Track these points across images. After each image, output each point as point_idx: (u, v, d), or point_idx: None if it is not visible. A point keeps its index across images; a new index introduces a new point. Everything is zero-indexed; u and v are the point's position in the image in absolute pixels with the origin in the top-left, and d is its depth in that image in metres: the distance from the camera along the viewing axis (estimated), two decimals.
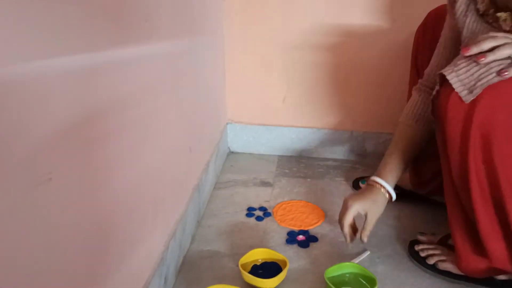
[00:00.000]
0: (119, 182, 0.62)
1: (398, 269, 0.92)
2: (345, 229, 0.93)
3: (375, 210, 0.92)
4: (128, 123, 0.64)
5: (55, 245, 0.46)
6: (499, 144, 0.68)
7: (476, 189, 0.73)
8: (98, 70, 0.54)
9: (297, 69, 1.42)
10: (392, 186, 0.92)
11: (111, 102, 0.58)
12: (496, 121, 0.67)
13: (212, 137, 1.33)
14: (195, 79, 1.07)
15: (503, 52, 0.65)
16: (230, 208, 1.18)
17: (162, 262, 0.79)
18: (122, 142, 0.62)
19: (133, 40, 0.65)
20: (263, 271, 0.90)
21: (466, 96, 0.68)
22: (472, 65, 0.68)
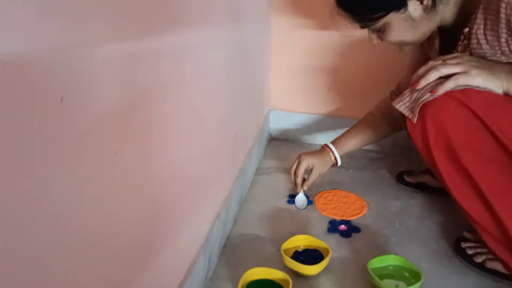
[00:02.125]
0: (173, 163, 0.63)
1: (443, 265, 0.90)
2: (298, 179, 1.13)
3: (320, 167, 1.13)
4: (182, 107, 0.66)
5: (118, 213, 0.48)
6: (460, 152, 0.76)
7: (463, 199, 0.81)
8: (155, 55, 0.55)
9: (345, 58, 1.39)
10: (339, 153, 1.14)
11: (167, 86, 0.59)
12: (447, 132, 0.76)
13: (255, 123, 1.33)
14: (244, 65, 1.07)
15: (432, 75, 0.77)
16: (271, 194, 1.18)
17: (207, 242, 0.81)
18: (176, 125, 0.63)
19: (190, 25, 0.66)
20: (304, 257, 0.90)
21: (412, 117, 0.79)
22: (413, 92, 0.80)
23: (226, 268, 0.89)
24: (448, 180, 0.79)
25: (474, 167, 0.76)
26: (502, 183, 0.75)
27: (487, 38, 0.73)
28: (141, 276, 0.56)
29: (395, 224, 1.05)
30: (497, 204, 0.76)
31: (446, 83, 0.75)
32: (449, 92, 0.75)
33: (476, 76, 0.74)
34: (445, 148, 0.77)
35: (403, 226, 1.04)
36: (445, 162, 0.78)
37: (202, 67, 0.74)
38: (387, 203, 1.15)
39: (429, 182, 1.17)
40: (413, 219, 1.07)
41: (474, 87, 0.74)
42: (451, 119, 0.75)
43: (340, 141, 1.16)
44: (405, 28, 0.82)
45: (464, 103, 0.73)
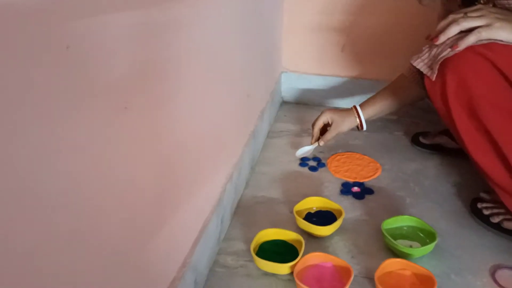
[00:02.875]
0: (182, 122, 0.62)
1: (459, 226, 0.89)
2: (315, 129, 1.09)
3: (339, 124, 1.07)
4: (195, 68, 0.64)
5: (133, 170, 0.48)
6: (481, 109, 0.73)
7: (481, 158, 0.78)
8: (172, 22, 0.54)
9: (361, 15, 1.33)
10: (365, 117, 1.06)
11: (179, 46, 0.58)
12: (469, 88, 0.73)
13: (267, 86, 1.31)
14: (256, 25, 1.04)
15: (452, 30, 0.73)
16: (283, 157, 1.17)
17: (219, 203, 0.81)
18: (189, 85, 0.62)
19: None
20: (317, 219, 0.90)
21: (431, 75, 0.76)
22: (432, 48, 0.77)
23: (239, 229, 0.89)
24: (467, 139, 0.76)
25: (495, 124, 0.72)
26: None
27: None
28: (157, 234, 0.56)
29: (410, 186, 1.03)
30: None
31: (467, 37, 0.70)
32: (471, 46, 0.71)
33: (500, 29, 0.69)
34: (465, 105, 0.74)
35: (418, 187, 1.02)
36: (465, 120, 0.75)
37: (215, 27, 0.72)
38: (402, 165, 1.12)
39: (446, 144, 1.15)
40: (428, 180, 1.05)
41: (498, 41, 0.70)
42: (473, 74, 0.71)
43: (368, 104, 1.07)
44: None
45: (487, 57, 0.70)
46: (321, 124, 1.09)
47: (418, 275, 0.73)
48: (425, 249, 0.78)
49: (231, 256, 0.81)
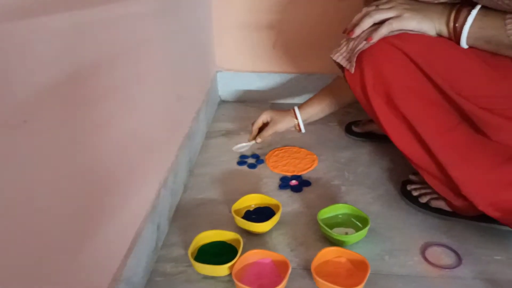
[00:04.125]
0: (107, 127, 0.60)
1: (391, 208, 0.93)
2: (254, 126, 1.11)
3: (277, 123, 1.08)
4: (116, 73, 0.62)
5: (54, 183, 0.45)
6: (398, 97, 0.76)
7: (402, 143, 0.81)
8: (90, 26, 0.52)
9: (288, 13, 1.35)
10: (303, 118, 1.08)
11: (99, 55, 0.55)
12: (385, 78, 0.75)
13: (201, 86, 1.29)
14: (181, 28, 1.02)
15: (366, 23, 0.75)
16: (222, 156, 1.16)
17: (154, 209, 0.79)
18: (105, 86, 0.59)
19: None
20: (256, 216, 0.90)
21: (350, 68, 0.78)
22: (349, 42, 0.79)
23: (178, 235, 0.87)
24: (387, 126, 0.80)
25: (411, 110, 0.76)
26: (439, 125, 0.76)
27: None
28: (83, 248, 0.53)
29: (344, 174, 1.06)
30: (434, 145, 0.77)
31: (380, 29, 0.73)
32: (385, 38, 0.73)
33: (409, 19, 0.73)
34: (383, 95, 0.77)
35: (353, 174, 1.06)
36: (384, 109, 0.78)
37: (136, 31, 0.71)
38: (337, 155, 1.16)
39: (376, 130, 1.19)
40: (362, 167, 1.09)
41: (408, 30, 0.73)
42: (388, 65, 0.74)
43: (307, 106, 1.08)
44: None
45: (399, 48, 0.73)
46: (260, 122, 1.11)
47: (353, 260, 0.75)
48: (359, 235, 0.80)
49: (170, 263, 0.79)
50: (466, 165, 0.76)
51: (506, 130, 0.73)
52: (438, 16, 0.73)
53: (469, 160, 0.76)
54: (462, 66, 0.72)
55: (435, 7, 0.73)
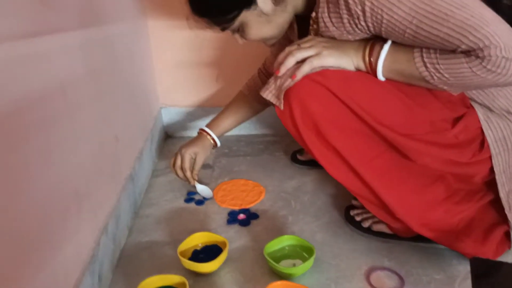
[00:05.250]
0: (36, 181, 0.57)
1: (336, 235, 0.94)
2: (188, 173, 1.11)
3: (203, 153, 1.13)
4: (41, 115, 0.60)
5: None
6: (325, 129, 0.79)
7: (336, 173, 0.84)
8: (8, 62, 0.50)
9: (227, 48, 1.38)
10: (217, 135, 1.15)
11: (23, 100, 0.54)
12: (311, 113, 0.78)
13: (144, 123, 1.28)
14: (113, 64, 1.01)
15: (289, 61, 0.79)
16: (169, 195, 1.15)
17: (93, 259, 0.75)
18: (37, 139, 0.57)
19: (42, 31, 0.60)
20: (204, 255, 0.88)
21: (279, 104, 0.80)
22: (276, 79, 0.81)
23: (122, 283, 0.84)
24: (320, 158, 0.82)
25: (338, 141, 0.79)
26: (365, 153, 0.80)
27: (332, 20, 0.76)
28: None
29: (291, 204, 1.07)
30: (364, 173, 0.80)
31: (302, 67, 0.77)
32: (308, 75, 0.77)
33: (328, 56, 0.77)
34: (312, 128, 0.79)
35: (299, 203, 1.07)
36: (315, 141, 0.81)
37: (61, 70, 0.68)
38: (283, 184, 1.17)
39: None
40: (307, 195, 1.11)
41: (329, 67, 0.77)
42: (313, 100, 0.77)
43: (216, 123, 1.17)
44: (261, 24, 0.83)
45: (321, 83, 0.76)
46: (189, 164, 1.12)
47: None
48: (305, 266, 0.81)
49: None
50: (395, 190, 0.80)
51: (427, 154, 0.78)
52: (354, 52, 0.77)
53: (398, 184, 0.80)
54: (380, 97, 0.77)
55: (351, 43, 0.78)
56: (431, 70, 0.69)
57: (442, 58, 0.67)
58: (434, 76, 0.70)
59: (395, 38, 0.71)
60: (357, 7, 0.69)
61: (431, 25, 0.65)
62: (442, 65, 0.68)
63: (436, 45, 0.67)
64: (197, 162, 1.12)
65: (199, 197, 1.13)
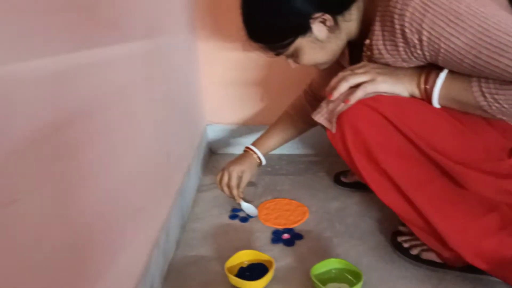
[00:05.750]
0: (93, 193, 0.60)
1: (382, 260, 0.93)
2: (234, 191, 1.13)
3: (249, 171, 1.15)
4: (100, 131, 0.63)
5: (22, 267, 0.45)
6: (377, 154, 0.79)
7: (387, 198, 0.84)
8: (67, 75, 0.52)
9: (273, 69, 1.41)
10: (263, 153, 1.17)
11: (80, 109, 0.56)
12: (364, 137, 0.79)
13: (192, 140, 1.32)
14: (168, 82, 1.06)
15: (342, 86, 0.80)
16: (214, 210, 1.17)
17: (146, 272, 0.78)
18: (94, 150, 0.60)
19: (102, 43, 0.64)
20: (250, 273, 0.90)
21: (331, 128, 0.82)
22: (328, 103, 0.83)
23: None
24: (371, 182, 0.82)
25: (391, 166, 0.79)
26: (418, 178, 0.79)
27: (387, 48, 0.77)
28: None
29: (335, 226, 1.07)
30: (416, 199, 0.80)
31: (356, 92, 0.78)
32: (361, 100, 0.78)
33: (382, 82, 0.78)
34: (364, 153, 0.80)
35: (343, 226, 1.07)
36: (366, 165, 0.81)
37: (119, 87, 0.72)
38: (327, 205, 1.17)
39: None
40: (352, 218, 1.10)
41: (382, 93, 0.78)
42: (366, 125, 0.78)
43: (261, 142, 1.19)
44: (315, 50, 0.85)
45: (375, 109, 0.77)
46: (236, 182, 1.13)
47: None
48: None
49: None
50: (449, 217, 0.79)
51: (482, 182, 0.76)
52: (409, 79, 0.78)
53: (451, 212, 0.79)
54: (435, 123, 0.77)
55: (405, 70, 0.79)
56: (489, 100, 0.69)
57: (501, 88, 0.67)
58: (492, 106, 0.69)
59: (452, 67, 0.71)
60: (414, 36, 0.70)
61: (490, 55, 0.64)
62: (501, 95, 0.67)
63: (494, 75, 0.67)
64: (243, 180, 1.14)
65: (243, 214, 1.15)
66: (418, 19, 0.68)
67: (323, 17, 0.79)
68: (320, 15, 0.79)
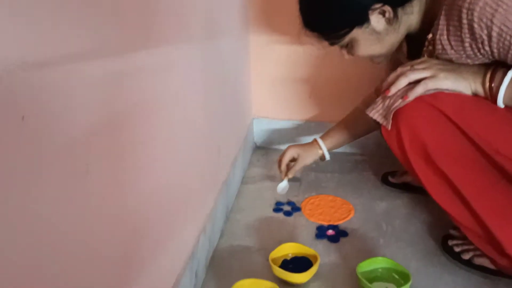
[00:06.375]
0: (150, 180, 0.62)
1: (431, 264, 0.90)
2: (282, 166, 1.16)
3: (305, 157, 1.16)
4: (158, 123, 0.65)
5: (90, 236, 0.47)
6: (436, 155, 0.76)
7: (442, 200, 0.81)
8: (130, 73, 0.55)
9: (323, 66, 1.40)
10: (327, 147, 1.16)
11: (141, 103, 0.59)
12: (422, 136, 0.76)
13: (239, 133, 1.33)
14: (222, 79, 1.07)
15: (401, 82, 0.78)
16: (258, 202, 1.18)
17: (192, 256, 0.80)
18: (152, 141, 0.62)
19: (166, 43, 0.66)
20: (293, 265, 0.90)
21: (386, 125, 0.79)
22: (385, 99, 0.81)
23: (214, 282, 0.87)
24: (427, 183, 0.80)
25: (450, 168, 0.76)
26: (478, 182, 0.76)
27: (451, 43, 0.74)
28: None
29: (382, 226, 1.05)
30: (475, 203, 0.76)
31: (415, 88, 0.75)
32: (420, 96, 0.75)
33: (444, 79, 0.74)
34: (421, 152, 0.77)
35: (390, 227, 1.04)
36: (422, 166, 0.78)
37: (180, 83, 0.74)
38: (373, 205, 1.15)
39: (413, 182, 1.18)
40: (399, 220, 1.07)
41: (444, 90, 0.75)
42: (424, 123, 0.75)
43: (329, 136, 1.17)
44: (371, 42, 0.83)
45: (435, 106, 0.74)
46: (287, 159, 1.17)
47: None
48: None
49: None
50: (509, 224, 0.75)
51: None
52: (473, 77, 0.74)
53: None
54: (498, 124, 0.73)
55: (469, 67, 0.75)
56: None
57: None
58: None
59: None
60: (483, 32, 0.67)
61: None
62: None
63: None
64: (297, 163, 1.16)
65: (287, 208, 1.15)
66: (489, 14, 0.65)
67: (382, 8, 0.77)
68: (380, 6, 0.77)
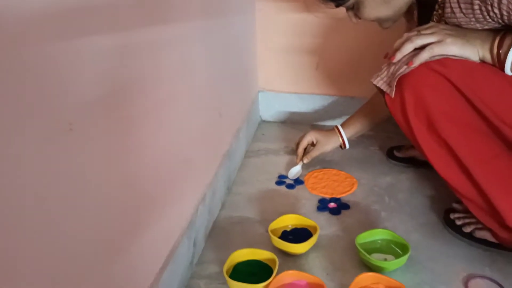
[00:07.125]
0: (149, 142, 0.62)
1: (432, 237, 0.89)
2: (299, 149, 1.15)
3: (323, 143, 1.14)
4: (157, 84, 0.64)
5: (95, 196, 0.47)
6: (439, 123, 0.74)
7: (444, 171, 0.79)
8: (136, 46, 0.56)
9: (330, 37, 1.36)
10: (347, 135, 1.12)
11: (145, 72, 0.59)
12: (426, 104, 0.74)
13: (243, 105, 1.32)
14: (226, 49, 1.05)
15: (407, 47, 0.75)
16: (261, 176, 1.17)
17: (191, 225, 0.80)
18: (149, 103, 0.62)
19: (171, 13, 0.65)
20: (293, 236, 0.90)
21: (390, 92, 0.76)
22: (390, 66, 0.78)
23: (213, 252, 0.88)
24: (429, 153, 0.78)
25: (453, 137, 0.74)
26: (482, 153, 0.74)
27: (461, 6, 0.70)
28: (117, 260, 0.55)
29: (384, 199, 1.04)
30: (478, 174, 0.74)
31: (421, 54, 0.73)
32: (426, 63, 0.73)
33: (451, 44, 0.71)
34: (424, 120, 0.75)
35: (393, 200, 1.03)
36: (425, 135, 0.76)
37: (183, 52, 0.74)
38: (377, 179, 1.13)
39: (418, 156, 1.16)
40: (403, 193, 1.06)
41: (450, 56, 0.72)
42: (429, 90, 0.73)
43: (349, 123, 1.13)
44: (377, 3, 0.80)
45: (441, 73, 0.71)
46: (306, 143, 1.15)
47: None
48: (398, 262, 0.78)
49: (204, 280, 0.80)
50: (511, 196, 0.73)
51: None
52: (481, 42, 0.71)
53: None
54: (505, 93, 0.70)
55: (478, 33, 0.72)
56: None
57: None
58: None
59: None
60: None
61: None
62: None
63: None
64: (314, 148, 1.14)
65: (289, 181, 1.14)
66: None
67: None
68: None
